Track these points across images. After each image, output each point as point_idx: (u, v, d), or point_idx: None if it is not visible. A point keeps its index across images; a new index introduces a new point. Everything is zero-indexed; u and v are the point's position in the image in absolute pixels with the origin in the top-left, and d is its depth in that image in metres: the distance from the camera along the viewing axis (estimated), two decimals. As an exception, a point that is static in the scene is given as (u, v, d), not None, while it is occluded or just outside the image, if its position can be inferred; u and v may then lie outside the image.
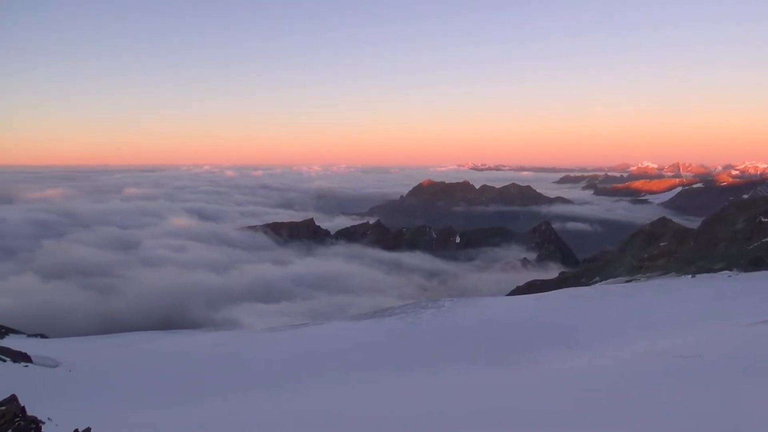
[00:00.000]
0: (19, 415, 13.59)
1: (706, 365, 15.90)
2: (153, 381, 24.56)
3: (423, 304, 40.79)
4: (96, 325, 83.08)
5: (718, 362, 16.29)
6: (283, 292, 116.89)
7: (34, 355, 31.11)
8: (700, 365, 15.93)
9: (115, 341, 38.76)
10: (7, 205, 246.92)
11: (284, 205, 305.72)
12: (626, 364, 18.86)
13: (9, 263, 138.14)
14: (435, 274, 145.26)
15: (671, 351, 19.56)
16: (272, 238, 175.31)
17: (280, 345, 32.80)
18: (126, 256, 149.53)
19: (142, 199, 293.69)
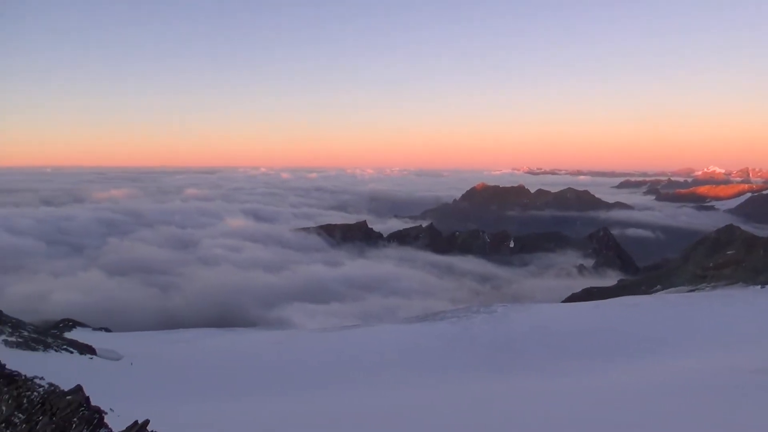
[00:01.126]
0: (84, 405, 14.17)
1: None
2: (209, 377, 25.20)
3: (475, 308, 40.33)
4: (156, 321, 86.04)
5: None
6: (334, 293, 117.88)
7: (99, 347, 32.51)
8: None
9: (174, 337, 40.05)
10: (77, 204, 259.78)
11: (338, 207, 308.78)
12: (694, 378, 18.00)
13: (77, 259, 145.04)
14: (487, 279, 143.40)
15: (742, 365, 18.56)
16: (325, 239, 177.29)
17: (331, 345, 33.09)
18: (185, 254, 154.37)
19: (200, 200, 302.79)
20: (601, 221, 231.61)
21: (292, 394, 21.26)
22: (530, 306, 41.86)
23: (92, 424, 12.93)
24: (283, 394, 21.11)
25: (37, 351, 29.98)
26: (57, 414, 14.47)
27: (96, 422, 12.93)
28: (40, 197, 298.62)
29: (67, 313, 76.02)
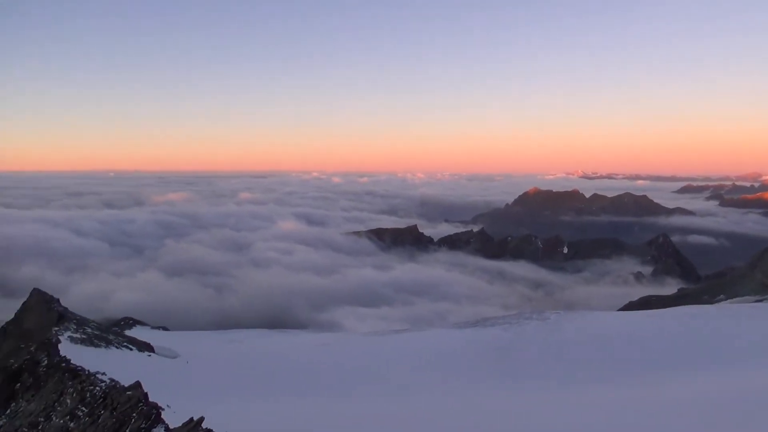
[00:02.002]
0: (142, 400, 14.67)
1: None
2: (261, 377, 25.64)
3: (527, 315, 39.57)
4: (211, 321, 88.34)
5: None
6: (384, 297, 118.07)
7: (157, 345, 33.61)
8: None
9: (228, 337, 40.97)
10: (137, 207, 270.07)
11: (388, 212, 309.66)
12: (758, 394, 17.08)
13: (137, 260, 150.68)
14: (540, 285, 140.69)
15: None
16: (375, 243, 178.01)
17: (380, 349, 33.11)
18: (238, 257, 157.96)
19: (254, 204, 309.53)
20: (660, 227, 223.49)
21: (340, 396, 21.37)
22: (585, 314, 40.70)
23: (150, 419, 13.36)
24: (331, 396, 21.24)
25: (99, 347, 31.24)
26: (117, 408, 15.03)
27: (153, 418, 13.36)
28: (103, 200, 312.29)
29: (128, 312, 78.93)
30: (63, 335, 32.10)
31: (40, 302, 50.53)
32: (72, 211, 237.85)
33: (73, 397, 18.96)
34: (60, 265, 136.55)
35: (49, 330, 36.84)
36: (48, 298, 51.38)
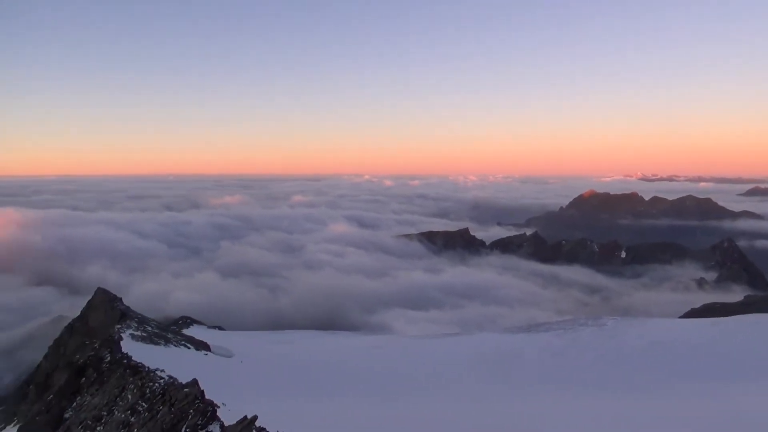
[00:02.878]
0: (199, 398, 15.06)
1: None
2: (314, 377, 25.91)
3: (582, 321, 38.56)
4: (264, 321, 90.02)
5: None
6: (434, 300, 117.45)
7: (213, 344, 34.49)
8: None
9: (281, 337, 41.66)
10: (195, 210, 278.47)
11: (440, 215, 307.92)
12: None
13: (195, 261, 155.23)
14: (596, 290, 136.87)
15: None
16: (427, 246, 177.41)
17: (431, 353, 32.94)
18: (291, 258, 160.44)
19: (306, 207, 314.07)
20: (725, 231, 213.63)
21: (391, 399, 21.33)
22: (644, 321, 39.30)
23: (206, 416, 13.70)
24: (382, 399, 21.23)
25: (158, 345, 32.31)
26: (175, 405, 15.49)
27: (209, 415, 13.69)
28: (163, 203, 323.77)
29: (185, 311, 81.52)
30: (125, 333, 33.35)
31: (104, 301, 52.77)
32: (134, 214, 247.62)
33: (133, 393, 19.67)
34: (122, 265, 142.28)
35: (112, 327, 38.38)
36: (111, 297, 53.61)
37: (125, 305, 51.19)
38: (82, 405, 24.88)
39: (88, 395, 25.54)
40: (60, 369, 42.74)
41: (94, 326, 49.27)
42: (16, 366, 75.73)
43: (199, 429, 13.18)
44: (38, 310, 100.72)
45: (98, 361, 27.89)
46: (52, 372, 46.22)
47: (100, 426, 19.31)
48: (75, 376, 28.49)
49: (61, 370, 41.28)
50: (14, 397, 54.15)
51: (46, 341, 59.80)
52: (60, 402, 27.48)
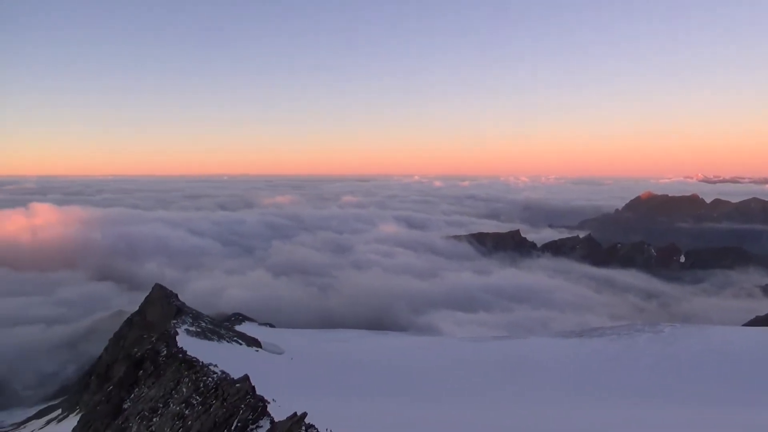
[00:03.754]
0: (250, 393, 15.35)
1: None
2: (363, 377, 26.02)
3: (638, 327, 37.28)
4: (314, 319, 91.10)
5: None
6: (483, 302, 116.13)
7: (264, 341, 35.12)
8: None
9: (331, 336, 42.03)
10: (248, 209, 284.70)
11: (490, 216, 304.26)
12: None
13: (247, 260, 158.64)
14: (653, 296, 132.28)
15: None
16: (476, 247, 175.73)
17: (483, 355, 32.54)
18: (340, 258, 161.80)
19: (356, 207, 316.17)
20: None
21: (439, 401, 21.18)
22: (704, 328, 37.68)
23: (257, 411, 13.94)
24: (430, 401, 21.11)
25: (212, 341, 33.14)
26: (227, 399, 15.83)
27: (260, 410, 13.93)
28: (217, 203, 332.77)
29: (238, 308, 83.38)
30: (180, 328, 34.34)
31: (161, 296, 54.56)
32: (189, 213, 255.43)
33: (188, 386, 20.22)
34: (178, 262, 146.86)
35: (168, 322, 39.62)
36: (168, 292, 55.40)
37: (181, 301, 52.81)
38: (140, 397, 25.75)
39: (145, 387, 26.42)
40: (119, 361, 44.45)
41: (152, 321, 51.03)
42: (78, 357, 79.24)
43: (249, 424, 13.42)
44: (99, 305, 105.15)
45: (155, 354, 28.82)
46: (112, 364, 48.13)
47: (156, 417, 19.93)
48: (133, 369, 29.50)
49: (120, 363, 42.91)
50: (77, 387, 56.67)
51: (106, 334, 62.35)
52: (119, 393, 28.52)
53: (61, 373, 77.10)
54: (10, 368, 76.14)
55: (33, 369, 77.31)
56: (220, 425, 14.27)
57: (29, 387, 73.18)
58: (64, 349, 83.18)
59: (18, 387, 73.02)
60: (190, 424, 16.23)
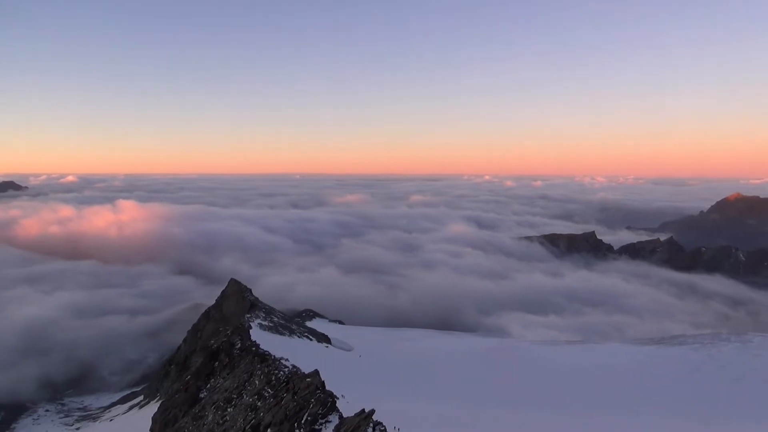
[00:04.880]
0: (320, 388, 15.61)
1: None
2: (431, 376, 25.92)
3: (724, 336, 35.18)
4: (382, 317, 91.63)
5: None
6: (554, 305, 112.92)
7: (333, 338, 35.67)
8: None
9: (399, 334, 42.13)
10: (319, 208, 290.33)
11: (563, 217, 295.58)
12: None
13: (317, 257, 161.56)
14: (741, 303, 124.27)
15: None
16: (548, 249, 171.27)
17: (555, 360, 31.65)
18: (408, 257, 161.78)
19: (425, 206, 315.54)
20: None
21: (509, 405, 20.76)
22: (798, 339, 35.07)
23: (326, 406, 14.17)
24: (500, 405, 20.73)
25: (283, 335, 33.98)
26: (298, 393, 16.16)
27: (329, 405, 14.14)
28: (289, 201, 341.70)
29: (308, 304, 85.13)
30: (254, 322, 35.42)
31: (236, 291, 56.52)
32: (263, 211, 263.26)
33: (260, 379, 20.82)
34: (252, 258, 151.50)
35: (242, 316, 40.98)
36: (243, 287, 57.34)
37: (254, 296, 54.54)
38: (215, 387, 26.74)
39: (220, 378, 27.42)
40: (197, 352, 46.40)
41: (227, 314, 52.96)
42: (159, 347, 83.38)
43: (319, 418, 13.65)
44: (179, 297, 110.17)
45: (230, 347, 29.86)
46: (189, 354, 50.32)
47: (230, 408, 20.63)
48: (209, 360, 30.70)
49: (197, 354, 44.79)
50: (157, 375, 59.64)
51: (185, 326, 65.31)
52: (196, 382, 29.74)
53: (143, 361, 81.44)
54: (98, 355, 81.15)
55: (118, 356, 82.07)
56: (291, 418, 14.59)
57: (115, 373, 77.74)
58: (147, 338, 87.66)
59: (105, 373, 77.77)
60: (262, 416, 16.69)
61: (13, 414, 61.74)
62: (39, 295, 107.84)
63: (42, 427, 56.45)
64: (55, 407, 64.52)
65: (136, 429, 36.32)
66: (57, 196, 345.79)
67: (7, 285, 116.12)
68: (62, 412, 62.07)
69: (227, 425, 18.96)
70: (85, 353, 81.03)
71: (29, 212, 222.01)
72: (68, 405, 65.55)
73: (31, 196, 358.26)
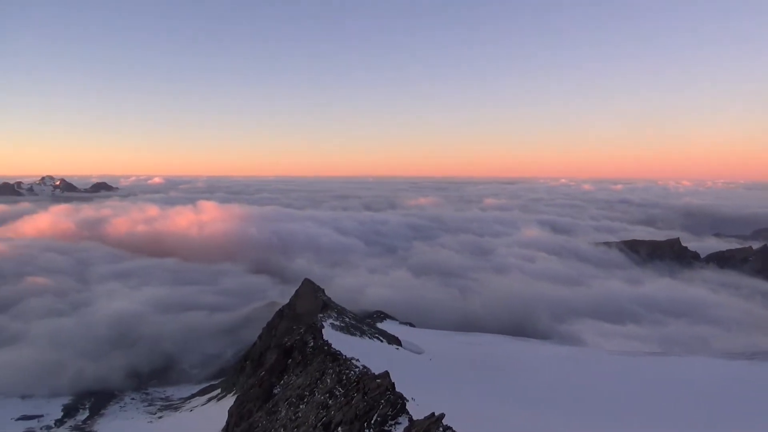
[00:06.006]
0: (390, 389, 15.68)
1: None
2: (502, 382, 25.45)
3: (824, 353, 32.52)
4: (452, 321, 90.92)
5: None
6: (632, 314, 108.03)
7: (404, 340, 35.74)
8: None
9: (470, 339, 41.67)
10: (391, 210, 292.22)
11: (645, 222, 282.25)
12: None
13: (389, 259, 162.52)
14: None
15: None
16: (628, 256, 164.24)
17: (635, 371, 30.29)
18: (480, 261, 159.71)
19: (498, 209, 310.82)
20: None
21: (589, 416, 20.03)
22: None
23: (396, 408, 14.20)
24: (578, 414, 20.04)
25: (354, 336, 34.38)
26: (368, 393, 16.30)
27: (399, 407, 14.17)
28: (363, 203, 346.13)
29: (379, 306, 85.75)
30: (326, 321, 36.05)
31: (310, 291, 57.77)
32: (337, 212, 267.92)
33: (332, 378, 21.15)
34: (325, 259, 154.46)
35: (315, 315, 41.82)
36: (316, 287, 58.53)
37: (327, 296, 55.55)
38: (288, 384, 27.40)
39: (293, 375, 28.08)
40: (271, 349, 47.77)
41: (300, 313, 54.20)
42: (236, 342, 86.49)
43: (389, 419, 13.70)
44: (255, 295, 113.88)
45: (303, 345, 30.54)
46: (264, 351, 51.88)
47: (302, 405, 21.09)
48: (283, 357, 31.51)
49: (271, 350, 46.10)
50: (234, 370, 61.89)
51: (260, 323, 67.48)
52: (270, 378, 30.61)
53: (221, 355, 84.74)
54: (179, 348, 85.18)
55: (198, 350, 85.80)
56: (361, 417, 14.73)
57: (195, 366, 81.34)
58: (224, 334, 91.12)
59: (185, 366, 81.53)
60: (333, 414, 16.95)
61: (102, 401, 65.89)
62: (127, 290, 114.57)
63: (128, 414, 59.85)
64: (140, 396, 68.32)
65: (214, 420, 37.79)
66: (145, 197, 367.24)
67: (99, 280, 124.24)
68: (146, 401, 65.62)
69: (299, 421, 19.37)
70: (168, 346, 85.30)
71: (119, 212, 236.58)
72: (152, 394, 69.23)
73: (121, 197, 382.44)
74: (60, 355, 76.71)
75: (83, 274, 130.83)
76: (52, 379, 70.24)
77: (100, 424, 55.77)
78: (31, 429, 55.30)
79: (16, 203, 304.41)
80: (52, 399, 65.44)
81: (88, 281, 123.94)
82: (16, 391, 66.46)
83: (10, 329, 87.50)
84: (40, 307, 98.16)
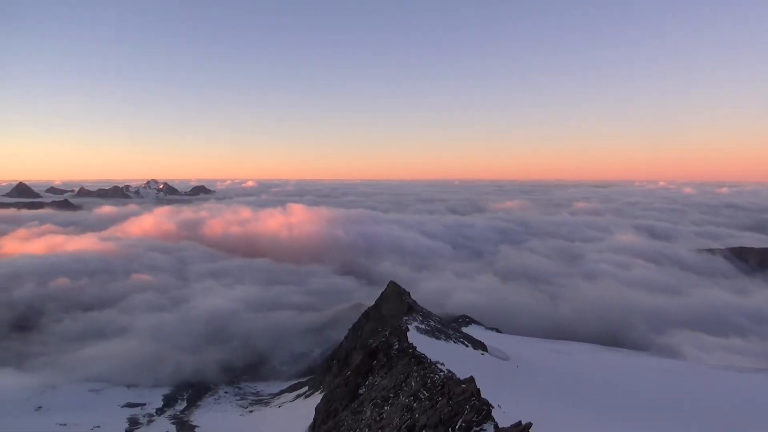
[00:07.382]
0: (475, 395, 15.40)
1: None
2: (593, 394, 24.37)
3: None
4: (540, 328, 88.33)
5: None
6: (737, 327, 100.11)
7: (490, 345, 35.09)
8: None
9: (560, 347, 40.25)
10: (477, 214, 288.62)
11: (755, 228, 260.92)
12: None
13: (476, 263, 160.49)
14: None
15: None
16: (735, 264, 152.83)
17: (739, 388, 28.07)
18: (570, 267, 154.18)
19: (590, 214, 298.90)
20: None
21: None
22: None
23: (481, 414, 13.91)
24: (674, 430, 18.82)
25: (439, 339, 34.16)
26: (453, 398, 16.11)
27: (484, 414, 13.87)
28: (448, 206, 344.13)
29: (465, 310, 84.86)
30: (411, 324, 36.07)
31: (395, 293, 58.06)
32: (422, 216, 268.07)
33: (416, 381, 21.10)
34: (410, 262, 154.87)
35: (400, 318, 41.98)
36: (401, 290, 58.76)
37: (412, 299, 55.63)
38: (373, 384, 27.64)
39: (378, 376, 28.29)
40: (357, 350, 48.43)
41: (386, 315, 54.59)
42: (324, 342, 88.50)
43: (474, 426, 13.44)
44: (342, 296, 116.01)
45: (388, 347, 30.72)
46: (350, 351, 52.69)
47: (387, 406, 21.17)
48: (368, 358, 31.85)
49: (357, 351, 46.73)
50: (321, 369, 63.34)
51: (347, 324, 68.69)
52: (356, 379, 31.02)
53: (309, 354, 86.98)
54: (270, 346, 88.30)
55: (287, 348, 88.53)
56: (445, 422, 14.56)
57: (285, 363, 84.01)
58: (312, 333, 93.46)
59: (276, 363, 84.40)
60: (417, 417, 16.89)
61: (199, 393, 69.52)
62: (222, 288, 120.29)
63: (222, 406, 62.70)
64: (233, 390, 71.46)
65: (302, 417, 38.80)
66: (239, 200, 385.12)
67: (196, 278, 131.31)
68: (239, 395, 68.53)
69: (384, 423, 19.47)
70: (259, 343, 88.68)
71: (215, 213, 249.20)
72: (244, 389, 72.22)
73: (217, 199, 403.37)
74: (161, 348, 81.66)
75: (182, 272, 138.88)
76: (155, 370, 74.94)
77: (196, 415, 58.78)
78: (135, 416, 59.14)
79: (124, 205, 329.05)
80: (154, 389, 69.74)
81: (186, 279, 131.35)
82: (122, 379, 71.43)
83: (118, 322, 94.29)
84: (144, 303, 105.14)
